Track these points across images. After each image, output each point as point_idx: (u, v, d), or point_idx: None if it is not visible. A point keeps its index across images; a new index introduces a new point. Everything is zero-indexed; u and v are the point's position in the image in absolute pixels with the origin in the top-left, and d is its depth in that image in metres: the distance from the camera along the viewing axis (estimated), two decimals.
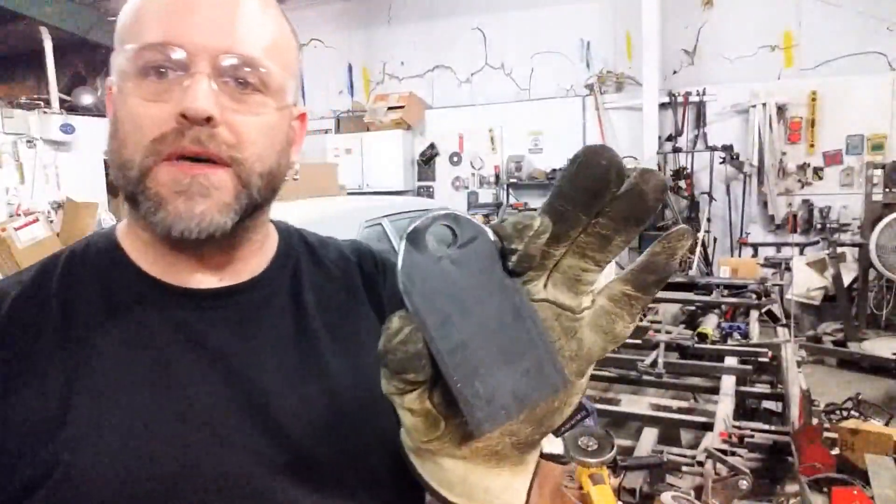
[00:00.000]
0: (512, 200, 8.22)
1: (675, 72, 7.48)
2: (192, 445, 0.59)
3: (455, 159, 8.72)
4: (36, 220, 6.14)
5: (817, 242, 6.58)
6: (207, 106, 0.57)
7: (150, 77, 0.59)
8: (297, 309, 0.69)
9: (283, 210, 0.74)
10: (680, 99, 7.30)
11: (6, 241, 5.77)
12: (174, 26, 0.58)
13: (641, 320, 4.46)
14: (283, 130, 0.65)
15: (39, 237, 5.97)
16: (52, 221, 6.62)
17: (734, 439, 2.53)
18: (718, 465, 2.25)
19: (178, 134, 0.58)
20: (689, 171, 7.27)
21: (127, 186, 0.60)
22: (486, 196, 8.52)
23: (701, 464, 2.34)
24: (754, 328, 4.14)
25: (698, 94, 7.25)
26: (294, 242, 0.75)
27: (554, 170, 7.82)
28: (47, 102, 7.54)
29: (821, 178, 6.95)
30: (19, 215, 6.44)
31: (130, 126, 0.59)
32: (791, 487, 2.41)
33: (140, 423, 0.58)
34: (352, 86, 9.36)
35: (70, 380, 0.58)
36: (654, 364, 3.48)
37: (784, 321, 4.45)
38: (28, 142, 7.09)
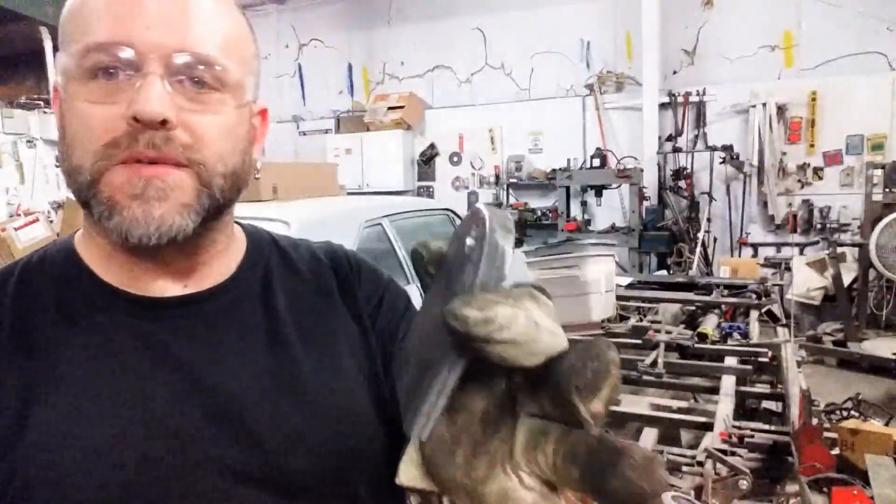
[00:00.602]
0: (512, 200, 8.22)
1: (675, 72, 7.48)
2: (161, 458, 0.56)
3: (455, 159, 8.72)
4: (36, 220, 6.14)
5: (817, 242, 6.58)
6: (161, 108, 0.54)
7: (99, 78, 0.55)
8: (268, 313, 0.66)
9: (284, 210, 0.74)
10: (680, 99, 7.30)
11: (6, 241, 5.76)
12: (122, 24, 0.55)
13: (641, 321, 4.46)
14: (244, 128, 0.63)
15: (39, 237, 5.96)
16: (52, 221, 6.61)
17: (734, 439, 2.53)
18: (718, 465, 2.25)
19: (132, 138, 0.55)
20: (689, 171, 7.27)
21: (79, 192, 0.57)
22: (486, 196, 8.52)
23: (701, 464, 2.34)
24: (754, 328, 4.14)
25: (698, 94, 7.24)
26: (263, 245, 0.72)
27: (554, 170, 7.80)
28: (47, 102, 7.51)
29: (821, 178, 6.94)
30: (19, 215, 6.43)
31: (79, 128, 0.56)
32: (791, 487, 2.41)
33: (104, 434, 0.55)
34: (352, 86, 9.36)
35: (28, 391, 0.56)
36: (654, 364, 3.49)
37: (784, 321, 4.45)
38: (28, 142, 7.07)
